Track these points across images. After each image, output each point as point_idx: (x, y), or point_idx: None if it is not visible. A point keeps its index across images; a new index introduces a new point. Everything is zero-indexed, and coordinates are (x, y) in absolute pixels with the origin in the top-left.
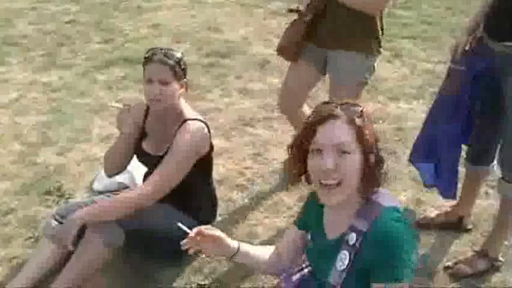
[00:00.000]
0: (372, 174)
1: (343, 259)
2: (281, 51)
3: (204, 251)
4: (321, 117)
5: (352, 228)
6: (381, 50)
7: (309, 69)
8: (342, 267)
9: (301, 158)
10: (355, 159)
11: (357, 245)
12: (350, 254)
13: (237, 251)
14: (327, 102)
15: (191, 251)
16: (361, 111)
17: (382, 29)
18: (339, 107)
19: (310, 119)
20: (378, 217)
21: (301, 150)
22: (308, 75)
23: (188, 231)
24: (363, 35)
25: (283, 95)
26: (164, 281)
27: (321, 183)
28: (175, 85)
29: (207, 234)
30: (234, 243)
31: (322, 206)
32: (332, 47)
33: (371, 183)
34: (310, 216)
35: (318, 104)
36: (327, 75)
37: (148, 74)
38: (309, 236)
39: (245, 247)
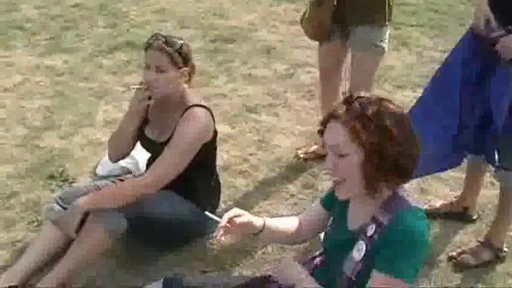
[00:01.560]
0: (372, 176)
1: (360, 250)
2: (315, 34)
3: (232, 236)
4: (325, 117)
5: (374, 220)
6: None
7: (336, 47)
8: (359, 258)
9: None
10: (352, 161)
11: (374, 236)
12: (366, 246)
13: (263, 228)
14: (347, 97)
15: (222, 238)
16: (362, 108)
17: None
18: (344, 103)
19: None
20: (401, 212)
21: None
22: (338, 53)
23: (218, 220)
24: (380, 6)
25: (322, 77)
26: (166, 267)
27: (332, 179)
28: (173, 73)
29: (239, 223)
30: (260, 222)
31: None
32: (352, 23)
33: (373, 182)
34: (336, 203)
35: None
36: None
37: (146, 60)
38: (330, 221)
39: (270, 223)
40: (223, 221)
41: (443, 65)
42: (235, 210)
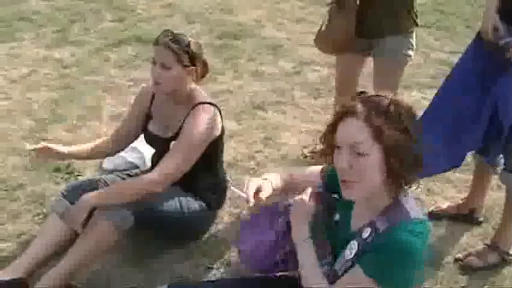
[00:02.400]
0: (395, 175)
1: (352, 249)
2: (338, 45)
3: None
4: (341, 113)
5: (371, 224)
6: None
7: (357, 58)
8: (349, 257)
9: (328, 150)
10: (372, 160)
11: (368, 240)
12: (358, 245)
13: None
14: (361, 93)
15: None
16: (386, 106)
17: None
18: (361, 100)
19: (334, 113)
20: (398, 224)
21: (327, 143)
22: (357, 64)
23: (244, 196)
24: (405, 14)
25: (339, 89)
26: (172, 263)
27: (340, 178)
28: (178, 70)
29: (265, 198)
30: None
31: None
32: (379, 34)
33: (395, 184)
34: (341, 202)
35: (353, 96)
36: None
37: (154, 56)
38: (336, 219)
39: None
40: (251, 199)
41: (454, 67)
42: (256, 183)
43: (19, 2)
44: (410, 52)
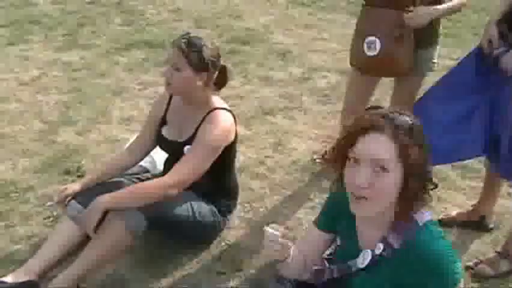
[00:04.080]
0: (410, 197)
1: (365, 258)
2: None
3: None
4: (364, 126)
5: (383, 241)
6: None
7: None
8: (361, 266)
9: (339, 161)
10: (392, 179)
11: (384, 255)
12: (372, 256)
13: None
14: (376, 107)
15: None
16: (411, 124)
17: None
18: (386, 116)
19: (353, 126)
20: (414, 235)
21: (340, 154)
22: (376, 81)
23: (275, 233)
24: (432, 32)
25: (350, 107)
26: (183, 266)
27: (353, 194)
28: (188, 73)
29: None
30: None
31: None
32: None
33: (409, 205)
34: (340, 222)
35: (368, 108)
36: None
37: (168, 56)
38: (338, 241)
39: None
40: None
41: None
42: (280, 232)
43: (29, 5)
44: (435, 62)
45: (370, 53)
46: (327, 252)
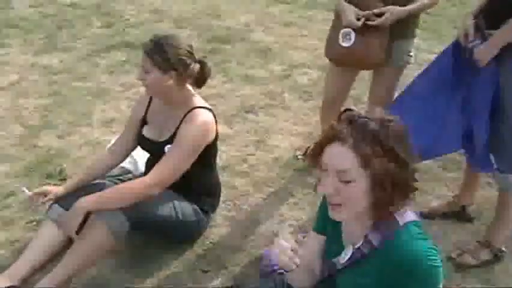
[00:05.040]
0: (383, 202)
1: (346, 254)
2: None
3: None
4: (328, 137)
5: (365, 239)
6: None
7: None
8: (343, 261)
9: (317, 166)
10: (358, 187)
11: (364, 250)
12: (353, 252)
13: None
14: (350, 110)
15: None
16: (376, 131)
17: None
18: (352, 123)
19: (321, 135)
20: (391, 236)
21: (314, 160)
22: (354, 74)
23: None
24: (409, 24)
25: (329, 102)
26: (167, 266)
27: (328, 201)
28: (157, 74)
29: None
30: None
31: None
32: (392, 38)
33: (383, 209)
34: (328, 222)
35: (341, 113)
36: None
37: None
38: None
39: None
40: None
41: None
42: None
43: (7, 8)
44: (412, 55)
45: (345, 44)
46: None
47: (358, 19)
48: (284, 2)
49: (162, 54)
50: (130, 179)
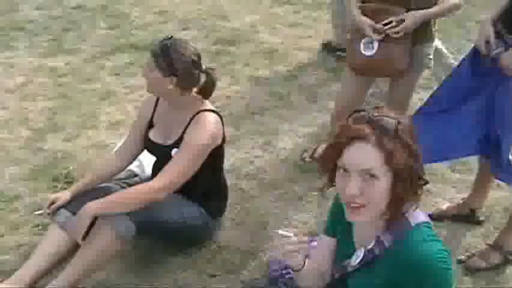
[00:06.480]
0: (400, 198)
1: (358, 256)
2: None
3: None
4: (348, 138)
5: (377, 240)
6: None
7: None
8: (355, 263)
9: (329, 169)
10: (383, 184)
11: (376, 251)
12: (364, 253)
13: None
14: (359, 111)
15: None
16: (396, 126)
17: None
18: (370, 121)
19: (338, 135)
20: (405, 236)
21: (328, 163)
22: (368, 83)
23: (289, 235)
24: (427, 28)
25: (344, 110)
26: (175, 270)
27: (348, 203)
28: (157, 75)
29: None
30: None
31: None
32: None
33: (400, 206)
34: (339, 224)
35: (351, 115)
36: None
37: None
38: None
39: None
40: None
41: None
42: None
43: (13, 11)
44: (431, 58)
45: (367, 53)
46: None
47: (375, 30)
48: (289, 2)
49: (166, 58)
50: (136, 183)
